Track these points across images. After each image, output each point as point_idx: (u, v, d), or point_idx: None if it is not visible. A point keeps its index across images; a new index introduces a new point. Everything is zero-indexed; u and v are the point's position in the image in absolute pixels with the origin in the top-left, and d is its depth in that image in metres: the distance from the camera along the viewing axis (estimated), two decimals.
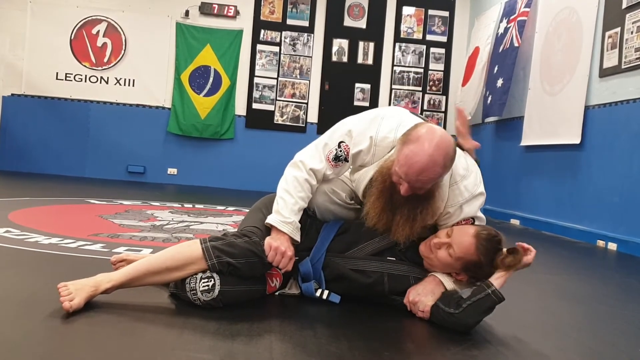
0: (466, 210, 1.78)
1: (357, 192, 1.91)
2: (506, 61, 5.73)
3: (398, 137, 1.70)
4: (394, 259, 1.78)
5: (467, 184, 1.77)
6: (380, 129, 1.79)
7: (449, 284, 1.73)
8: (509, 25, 5.87)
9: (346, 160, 1.82)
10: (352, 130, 1.81)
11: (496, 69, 5.96)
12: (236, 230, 1.81)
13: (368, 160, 1.81)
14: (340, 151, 1.81)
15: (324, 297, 1.79)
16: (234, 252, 1.64)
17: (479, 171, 1.86)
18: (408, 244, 1.76)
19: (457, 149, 1.72)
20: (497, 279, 1.65)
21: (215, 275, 1.62)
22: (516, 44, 5.59)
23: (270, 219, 1.75)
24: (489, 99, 6.03)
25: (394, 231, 1.73)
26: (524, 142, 5.42)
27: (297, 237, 1.76)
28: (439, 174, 1.63)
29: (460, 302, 1.63)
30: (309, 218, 1.86)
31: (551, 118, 4.96)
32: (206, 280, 1.61)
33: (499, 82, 5.77)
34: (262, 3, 7.22)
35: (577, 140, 4.52)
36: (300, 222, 1.79)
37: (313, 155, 1.84)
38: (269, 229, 1.76)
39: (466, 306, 1.61)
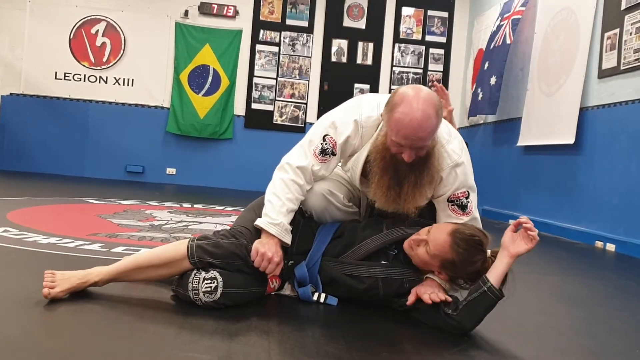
0: (461, 178, 1.77)
1: (354, 181, 1.91)
2: (497, 58, 5.72)
3: (381, 112, 1.71)
4: (387, 263, 1.77)
5: (453, 147, 1.78)
6: (362, 111, 1.80)
7: (444, 284, 1.71)
8: (502, 23, 5.87)
9: (333, 153, 1.82)
10: (335, 121, 1.82)
11: (487, 65, 5.95)
12: (227, 229, 1.81)
13: (358, 144, 1.82)
14: (326, 144, 1.81)
15: (321, 300, 1.79)
16: (217, 253, 1.65)
17: (461, 137, 1.88)
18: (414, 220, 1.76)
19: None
20: (493, 272, 1.57)
21: (218, 277, 1.61)
22: (508, 41, 5.59)
23: (259, 221, 1.76)
24: (479, 95, 6.02)
25: (402, 204, 1.73)
26: (521, 142, 5.42)
27: (287, 239, 1.75)
28: (435, 125, 1.63)
29: (457, 304, 1.61)
30: (303, 219, 1.86)
31: (547, 118, 4.96)
32: (209, 281, 1.61)
33: (492, 80, 5.76)
34: (261, 3, 7.22)
35: (571, 141, 4.52)
36: (293, 223, 1.78)
37: (298, 155, 1.84)
38: (259, 231, 1.76)
39: (462, 307, 1.59)
